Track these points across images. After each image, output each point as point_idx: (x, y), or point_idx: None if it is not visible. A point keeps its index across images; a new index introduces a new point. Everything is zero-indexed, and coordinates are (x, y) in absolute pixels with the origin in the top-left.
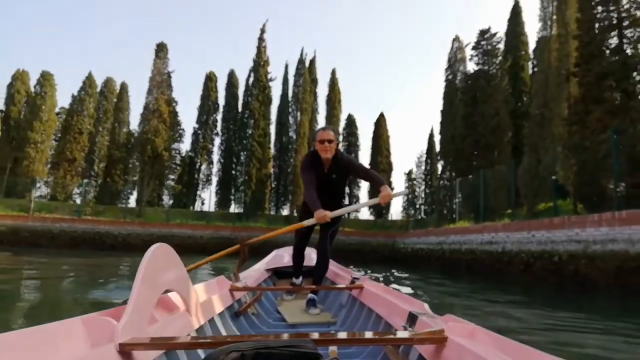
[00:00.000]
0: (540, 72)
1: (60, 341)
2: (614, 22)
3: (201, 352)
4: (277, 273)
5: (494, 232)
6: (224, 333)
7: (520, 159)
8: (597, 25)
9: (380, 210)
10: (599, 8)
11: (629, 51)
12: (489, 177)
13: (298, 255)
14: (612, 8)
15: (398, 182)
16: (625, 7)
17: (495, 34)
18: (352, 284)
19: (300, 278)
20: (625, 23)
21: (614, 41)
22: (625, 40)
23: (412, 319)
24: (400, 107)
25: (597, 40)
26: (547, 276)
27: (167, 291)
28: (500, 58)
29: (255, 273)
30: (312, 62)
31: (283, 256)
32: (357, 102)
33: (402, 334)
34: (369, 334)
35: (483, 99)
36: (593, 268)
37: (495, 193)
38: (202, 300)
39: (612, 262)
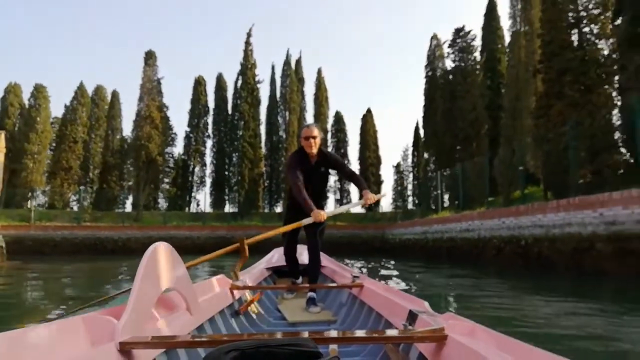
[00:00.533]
0: (512, 67)
1: (61, 340)
2: (573, 21)
3: (201, 351)
4: (277, 272)
5: (470, 220)
6: (224, 332)
7: (497, 150)
8: (558, 24)
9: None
10: (560, 7)
11: (587, 48)
12: (469, 169)
13: (291, 257)
14: (571, 7)
15: (387, 175)
16: (584, 5)
17: (469, 32)
18: (352, 283)
19: (301, 278)
20: (584, 22)
21: (575, 38)
22: (584, 38)
23: (412, 317)
24: (387, 100)
25: (558, 39)
26: (516, 259)
27: (167, 290)
28: (476, 55)
29: (255, 272)
30: (298, 62)
31: (283, 255)
32: (345, 98)
33: (402, 332)
34: (369, 333)
35: (461, 94)
36: (553, 250)
37: (475, 183)
38: (202, 299)
39: (569, 244)
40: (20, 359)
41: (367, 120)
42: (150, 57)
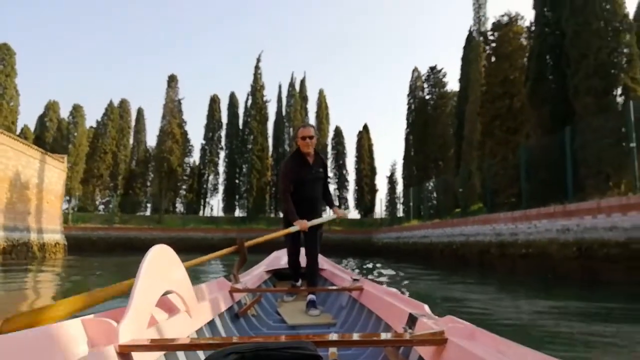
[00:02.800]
0: (471, 102)
1: (60, 342)
2: (502, 78)
3: (201, 354)
4: (277, 274)
5: (426, 229)
6: (223, 334)
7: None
8: (492, 79)
9: (367, 209)
10: (495, 65)
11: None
12: (437, 185)
13: (293, 259)
14: (504, 66)
15: (381, 184)
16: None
17: (441, 70)
18: (352, 286)
19: (301, 281)
20: (511, 77)
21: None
22: (510, 92)
23: (412, 320)
24: (385, 113)
25: (491, 91)
26: (452, 259)
27: (167, 292)
28: (446, 88)
29: (255, 274)
30: (303, 81)
31: (283, 258)
32: (345, 108)
33: (402, 335)
34: (368, 336)
35: (432, 123)
36: (469, 252)
37: (442, 197)
38: (202, 302)
39: (477, 247)
40: None
41: (363, 136)
42: (172, 80)
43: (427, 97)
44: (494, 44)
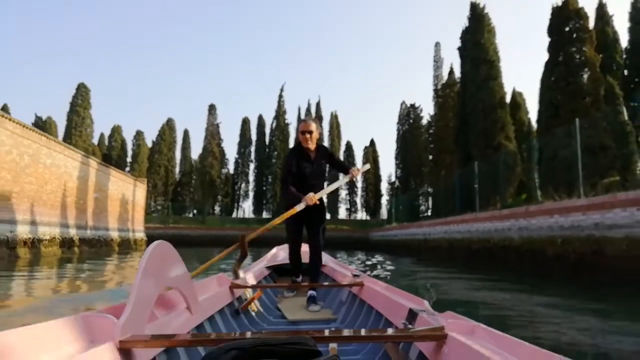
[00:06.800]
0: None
1: (60, 339)
2: (444, 124)
3: (201, 350)
4: (278, 270)
5: (398, 230)
6: (224, 330)
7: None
8: (442, 122)
9: (373, 211)
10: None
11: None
12: (410, 197)
13: (295, 254)
14: (449, 114)
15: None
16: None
17: (419, 107)
18: (352, 282)
19: (301, 276)
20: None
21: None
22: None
23: (412, 316)
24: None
25: (442, 129)
26: (419, 250)
27: (167, 288)
28: (423, 121)
29: (255, 270)
30: (318, 104)
31: (283, 253)
32: (355, 123)
33: (402, 331)
34: (368, 331)
35: (411, 147)
36: (413, 244)
37: (417, 205)
38: (202, 298)
39: (417, 241)
40: (18, 358)
41: (369, 150)
42: (212, 108)
43: (406, 127)
44: (440, 99)
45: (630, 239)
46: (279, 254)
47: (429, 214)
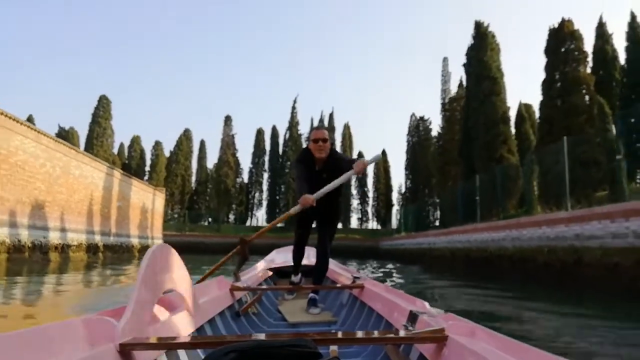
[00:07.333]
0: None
1: (60, 341)
2: (450, 137)
3: (202, 352)
4: (278, 273)
5: (406, 239)
6: (224, 333)
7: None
8: (449, 136)
9: (384, 221)
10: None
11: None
12: (419, 208)
13: (298, 253)
14: (455, 127)
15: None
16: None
17: (428, 119)
18: (353, 284)
19: (299, 276)
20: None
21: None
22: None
23: (412, 318)
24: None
25: (449, 142)
26: (425, 259)
27: (168, 291)
28: (432, 133)
29: (256, 273)
30: (331, 115)
31: (284, 256)
32: (367, 134)
33: (402, 333)
34: (369, 334)
35: (420, 158)
36: (420, 253)
37: (422, 216)
38: (202, 300)
39: (423, 250)
40: None
41: (380, 161)
42: (228, 120)
43: (416, 139)
44: (447, 113)
45: (603, 249)
46: (280, 256)
47: (437, 224)
